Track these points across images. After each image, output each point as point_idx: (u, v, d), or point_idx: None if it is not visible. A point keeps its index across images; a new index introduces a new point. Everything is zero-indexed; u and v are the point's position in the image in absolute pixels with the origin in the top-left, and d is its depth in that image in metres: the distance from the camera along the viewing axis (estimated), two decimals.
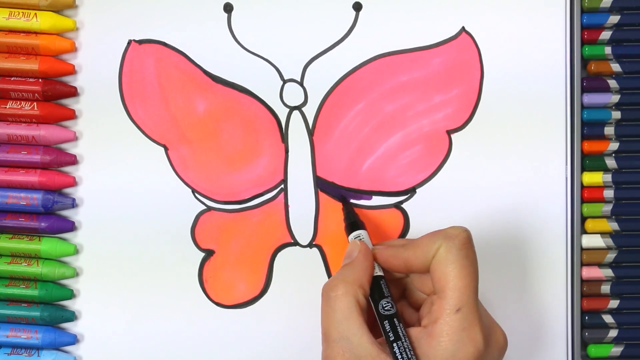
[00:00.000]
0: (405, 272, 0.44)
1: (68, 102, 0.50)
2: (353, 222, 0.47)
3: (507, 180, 0.49)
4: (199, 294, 0.49)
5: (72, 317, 0.49)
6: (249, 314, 0.49)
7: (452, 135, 0.49)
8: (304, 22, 0.50)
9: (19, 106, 0.49)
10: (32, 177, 0.48)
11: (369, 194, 0.49)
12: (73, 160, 0.49)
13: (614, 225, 0.49)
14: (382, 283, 0.43)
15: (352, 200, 0.49)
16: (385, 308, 0.41)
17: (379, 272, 0.43)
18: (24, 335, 0.48)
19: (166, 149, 0.50)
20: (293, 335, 0.49)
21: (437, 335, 0.39)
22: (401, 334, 0.40)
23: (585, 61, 0.50)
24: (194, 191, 0.50)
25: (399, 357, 0.39)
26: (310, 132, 0.50)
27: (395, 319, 0.41)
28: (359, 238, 0.45)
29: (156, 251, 0.49)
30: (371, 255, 0.43)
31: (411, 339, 0.40)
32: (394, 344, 0.40)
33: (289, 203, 0.49)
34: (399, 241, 0.44)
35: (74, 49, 0.49)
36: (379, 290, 0.42)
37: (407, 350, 0.39)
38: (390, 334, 0.40)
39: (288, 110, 0.50)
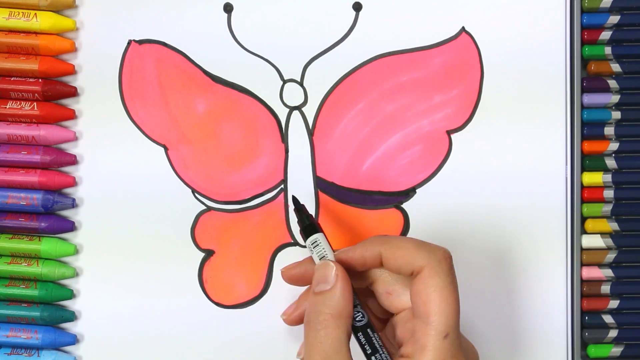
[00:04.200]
0: (375, 267, 0.42)
1: (68, 102, 0.50)
2: (309, 225, 0.44)
3: (507, 180, 0.49)
4: (199, 294, 0.49)
5: (72, 317, 0.49)
6: (249, 314, 0.49)
7: (452, 135, 0.49)
8: (304, 22, 0.50)
9: (19, 106, 0.49)
10: (32, 177, 0.48)
11: (369, 194, 0.49)
12: (73, 160, 0.49)
13: (614, 226, 0.49)
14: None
15: (352, 202, 0.49)
16: (356, 318, 0.40)
17: None
18: (24, 335, 0.48)
19: (166, 149, 0.50)
20: (293, 335, 0.49)
21: None
22: (377, 345, 0.39)
23: (585, 61, 0.50)
24: (194, 191, 0.50)
25: None
26: (310, 132, 0.50)
27: (368, 330, 0.40)
28: (315, 243, 0.43)
29: (156, 251, 0.49)
30: (348, 278, 0.41)
31: None
32: (372, 357, 0.39)
33: (289, 203, 0.49)
34: (375, 237, 0.42)
35: (74, 49, 0.49)
36: None
37: None
38: (367, 347, 0.39)
39: (288, 110, 0.50)
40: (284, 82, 0.50)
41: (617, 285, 0.49)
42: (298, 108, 0.50)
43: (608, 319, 0.49)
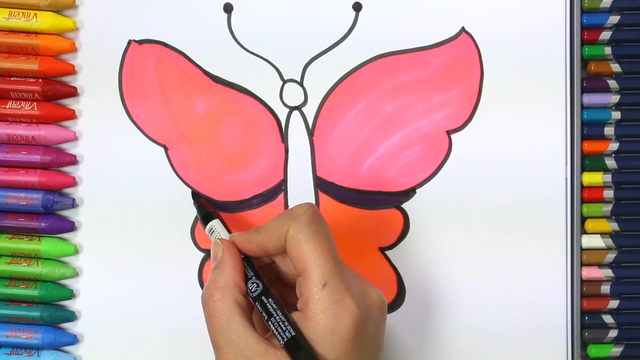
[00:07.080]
0: (263, 256, 0.43)
1: (68, 102, 0.50)
2: (206, 214, 0.46)
3: (507, 181, 0.49)
4: (199, 294, 0.49)
5: (72, 317, 0.49)
6: None
7: (452, 135, 0.49)
8: (304, 22, 0.50)
9: (19, 106, 0.49)
10: (32, 177, 0.49)
11: (369, 194, 0.49)
12: (73, 160, 0.49)
13: (613, 226, 0.49)
14: (245, 265, 0.42)
15: (352, 202, 0.49)
16: (252, 289, 0.41)
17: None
18: (24, 335, 0.48)
19: (166, 149, 0.50)
20: None
21: (313, 315, 0.38)
22: (272, 309, 0.40)
23: (585, 61, 0.50)
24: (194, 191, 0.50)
25: (276, 333, 0.39)
26: (310, 132, 0.50)
27: (263, 297, 0.40)
28: (211, 229, 0.45)
29: (156, 251, 0.49)
30: (237, 251, 0.42)
31: (296, 324, 0.39)
32: (269, 323, 0.39)
33: (289, 203, 0.49)
34: (254, 228, 0.43)
35: (74, 49, 0.49)
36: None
37: (281, 324, 0.39)
38: (264, 314, 0.40)
39: (288, 110, 0.50)
40: (284, 82, 0.50)
41: (617, 285, 0.49)
42: (298, 108, 0.50)
43: (608, 319, 0.49)
